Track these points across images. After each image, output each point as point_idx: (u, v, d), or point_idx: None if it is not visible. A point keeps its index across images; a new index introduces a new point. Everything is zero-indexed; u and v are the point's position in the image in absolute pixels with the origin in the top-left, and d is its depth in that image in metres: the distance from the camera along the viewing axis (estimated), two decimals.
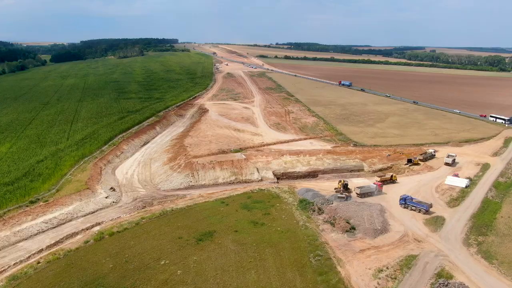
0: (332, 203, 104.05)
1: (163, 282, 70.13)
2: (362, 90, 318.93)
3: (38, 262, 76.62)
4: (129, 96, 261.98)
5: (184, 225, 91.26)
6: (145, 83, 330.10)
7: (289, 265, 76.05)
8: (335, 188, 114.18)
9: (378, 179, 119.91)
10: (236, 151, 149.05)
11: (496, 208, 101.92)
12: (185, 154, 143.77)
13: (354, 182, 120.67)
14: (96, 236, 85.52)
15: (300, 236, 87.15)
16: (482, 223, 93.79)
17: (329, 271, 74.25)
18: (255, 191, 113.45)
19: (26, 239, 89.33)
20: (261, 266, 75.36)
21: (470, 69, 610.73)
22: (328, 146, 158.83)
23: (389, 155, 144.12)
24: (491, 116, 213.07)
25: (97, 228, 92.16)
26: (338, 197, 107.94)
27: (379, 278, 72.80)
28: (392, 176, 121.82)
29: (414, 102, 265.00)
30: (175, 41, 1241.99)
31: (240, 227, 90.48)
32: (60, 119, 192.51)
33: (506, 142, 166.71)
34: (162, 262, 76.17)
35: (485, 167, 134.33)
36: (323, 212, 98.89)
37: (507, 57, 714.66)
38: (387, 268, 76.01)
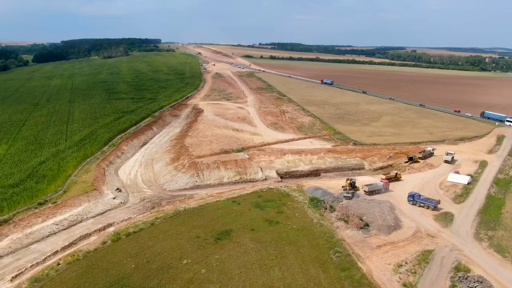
0: (342, 201, 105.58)
1: (188, 281, 70.20)
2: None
3: (58, 264, 75.64)
4: (120, 97, 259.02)
5: (199, 225, 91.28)
6: (134, 83, 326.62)
7: (311, 262, 77.03)
8: (343, 186, 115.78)
9: (384, 176, 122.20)
10: (239, 150, 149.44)
11: (500, 204, 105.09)
12: (188, 154, 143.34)
13: (360, 180, 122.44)
14: (113, 237, 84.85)
15: (316, 234, 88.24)
16: (489, 218, 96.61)
17: (351, 267, 75.56)
18: (265, 190, 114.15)
19: (38, 241, 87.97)
20: (283, 263, 76.12)
21: (453, 69, 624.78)
22: (329, 145, 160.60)
23: (389, 157, 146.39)
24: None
25: (111, 229, 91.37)
26: (344, 196, 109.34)
27: (400, 273, 74.45)
28: (396, 174, 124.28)
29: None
30: (158, 41, 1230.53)
31: (256, 226, 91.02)
32: (55, 120, 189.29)
33: (499, 140, 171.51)
34: (185, 262, 76.17)
35: (483, 164, 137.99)
36: (334, 210, 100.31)
37: (486, 57, 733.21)
38: (406, 263, 77.77)
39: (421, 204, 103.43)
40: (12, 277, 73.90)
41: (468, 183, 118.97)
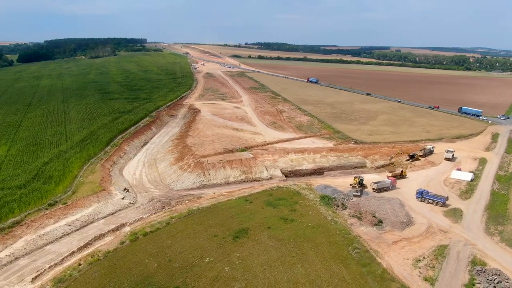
0: (352, 199, 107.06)
1: (213, 279, 70.48)
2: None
3: (79, 264, 75.07)
4: (113, 97, 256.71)
5: (215, 223, 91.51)
6: (125, 83, 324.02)
7: (331, 258, 78.03)
8: (351, 184, 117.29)
9: (390, 174, 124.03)
10: (242, 150, 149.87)
11: (505, 200, 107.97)
12: (192, 154, 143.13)
13: (366, 178, 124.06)
14: (131, 237, 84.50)
15: (332, 231, 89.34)
16: (497, 214, 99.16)
17: (371, 263, 76.85)
18: (275, 188, 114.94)
19: (52, 242, 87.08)
20: (305, 260, 76.96)
21: (438, 68, 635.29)
22: (330, 144, 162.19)
23: (391, 157, 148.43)
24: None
25: (127, 229, 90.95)
26: (354, 194, 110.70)
27: (419, 268, 76.04)
28: (402, 171, 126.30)
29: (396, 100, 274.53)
30: (144, 40, 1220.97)
31: (271, 224, 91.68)
32: (51, 120, 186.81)
33: (494, 138, 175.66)
34: (207, 260, 76.36)
35: (482, 161, 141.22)
36: (346, 207, 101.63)
37: (470, 57, 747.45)
38: (424, 258, 79.41)
39: (430, 201, 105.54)
40: (32, 278, 73.14)
41: (471, 180, 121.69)
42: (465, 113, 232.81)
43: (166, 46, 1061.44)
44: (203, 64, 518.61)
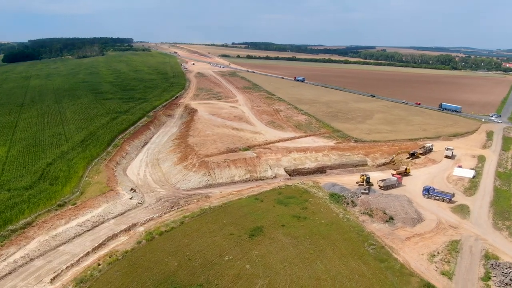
0: (360, 196, 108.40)
1: (236, 277, 70.86)
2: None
3: (98, 264, 74.67)
4: (107, 97, 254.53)
5: (229, 222, 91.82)
6: (117, 83, 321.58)
7: (349, 254, 79.10)
8: (357, 182, 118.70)
9: (394, 172, 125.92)
10: (245, 149, 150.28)
11: (508, 196, 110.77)
12: (195, 154, 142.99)
13: (370, 176, 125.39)
14: (147, 236, 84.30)
15: (346, 228, 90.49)
16: (502, 209, 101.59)
17: (388, 258, 78.15)
18: (283, 187, 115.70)
19: (65, 243, 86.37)
20: (323, 257, 77.86)
21: (425, 67, 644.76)
22: (331, 143, 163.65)
23: (392, 157, 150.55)
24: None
25: (141, 229, 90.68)
26: (362, 191, 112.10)
27: (435, 262, 77.63)
28: (406, 169, 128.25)
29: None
30: (130, 40, 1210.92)
31: (285, 222, 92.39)
32: (48, 121, 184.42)
33: (489, 136, 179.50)
34: (226, 258, 76.69)
35: (481, 159, 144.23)
36: (356, 205, 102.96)
37: (456, 56, 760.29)
38: (438, 253, 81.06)
39: (436, 198, 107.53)
40: (51, 279, 72.60)
41: (473, 177, 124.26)
42: (445, 109, 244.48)
43: (153, 45, 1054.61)
44: (193, 64, 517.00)
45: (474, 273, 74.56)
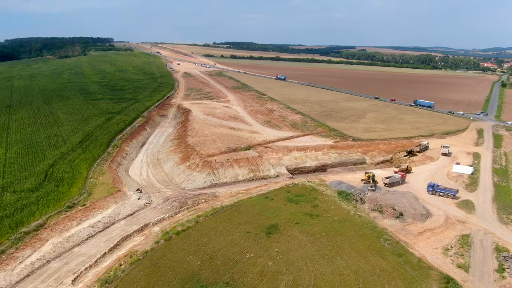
0: (367, 193, 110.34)
1: (260, 274, 71.54)
2: (377, 98, 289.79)
3: (120, 265, 74.27)
4: (97, 97, 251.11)
5: (244, 221, 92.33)
6: (104, 83, 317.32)
7: (366, 250, 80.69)
8: (362, 180, 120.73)
9: (397, 169, 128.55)
10: (246, 148, 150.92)
11: (508, 191, 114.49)
12: (197, 154, 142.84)
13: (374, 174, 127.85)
14: (164, 236, 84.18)
15: (359, 224, 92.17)
16: (505, 204, 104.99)
17: (405, 253, 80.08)
18: (290, 185, 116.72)
19: (79, 244, 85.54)
20: (342, 253, 79.25)
21: (407, 67, 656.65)
22: (329, 142, 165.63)
23: (391, 157, 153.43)
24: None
25: (156, 229, 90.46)
26: (368, 189, 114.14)
27: (450, 256, 79.95)
28: (407, 166, 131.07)
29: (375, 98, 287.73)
30: (111, 40, 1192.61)
31: (299, 219, 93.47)
32: (41, 122, 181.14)
33: (480, 133, 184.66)
34: (247, 256, 77.29)
35: (476, 156, 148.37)
36: (364, 202, 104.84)
37: (436, 56, 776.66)
38: (451, 247, 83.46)
39: (441, 194, 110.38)
40: (72, 281, 71.96)
41: (472, 173, 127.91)
42: (420, 105, 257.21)
43: (134, 45, 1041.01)
44: (178, 64, 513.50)
45: (488, 265, 77.10)
